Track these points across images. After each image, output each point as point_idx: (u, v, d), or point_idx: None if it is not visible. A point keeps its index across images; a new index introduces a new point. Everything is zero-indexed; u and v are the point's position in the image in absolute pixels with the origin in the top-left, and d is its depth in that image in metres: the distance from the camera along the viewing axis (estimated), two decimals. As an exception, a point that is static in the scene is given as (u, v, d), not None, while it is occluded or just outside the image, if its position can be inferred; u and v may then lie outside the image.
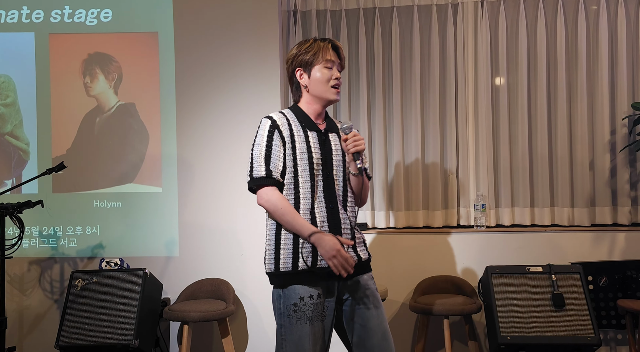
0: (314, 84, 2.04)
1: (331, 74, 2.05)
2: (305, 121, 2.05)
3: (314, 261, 1.94)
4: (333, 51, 2.06)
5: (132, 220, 3.74)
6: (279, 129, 2.00)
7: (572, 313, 2.95)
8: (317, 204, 1.99)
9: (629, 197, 3.56)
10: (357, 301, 2.02)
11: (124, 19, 3.81)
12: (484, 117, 3.68)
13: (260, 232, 3.67)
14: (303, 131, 2.02)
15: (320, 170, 2.01)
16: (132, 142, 3.78)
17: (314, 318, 1.94)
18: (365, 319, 2.01)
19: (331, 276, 1.94)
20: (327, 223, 1.98)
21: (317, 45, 2.04)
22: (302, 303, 1.93)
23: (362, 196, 2.12)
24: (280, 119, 2.02)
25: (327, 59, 2.03)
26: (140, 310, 3.16)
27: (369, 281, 2.06)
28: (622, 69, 3.58)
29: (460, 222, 3.71)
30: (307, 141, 2.00)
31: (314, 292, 1.94)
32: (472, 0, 3.73)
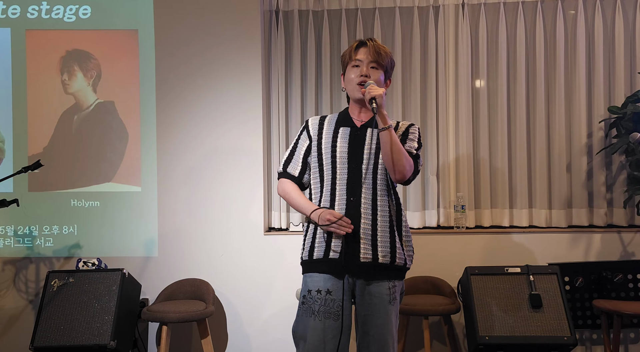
0: (346, 85, 2.11)
1: (357, 72, 2.05)
2: (343, 119, 2.12)
3: (326, 251, 1.99)
4: (365, 49, 2.07)
5: (110, 219, 3.69)
6: (308, 128, 2.15)
7: (549, 313, 2.99)
8: (338, 195, 2.02)
9: (604, 199, 3.62)
10: (364, 304, 1.99)
11: (103, 16, 3.76)
12: (464, 119, 3.71)
13: (240, 232, 3.66)
14: (335, 128, 2.10)
15: (345, 163, 2.03)
16: (111, 140, 3.73)
17: (321, 313, 1.96)
18: (368, 326, 1.98)
19: (344, 269, 1.96)
20: (345, 215, 1.98)
21: (350, 47, 2.12)
22: (309, 296, 1.99)
23: (395, 165, 1.93)
24: (314, 120, 2.17)
25: (355, 59, 2.07)
26: (118, 311, 3.12)
27: (381, 288, 1.98)
28: (599, 73, 3.64)
29: (441, 223, 3.74)
30: (334, 137, 2.07)
31: (323, 287, 1.97)
32: (453, 3, 3.76)
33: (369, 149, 2.02)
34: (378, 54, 2.05)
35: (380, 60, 2.05)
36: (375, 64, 2.05)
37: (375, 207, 2.00)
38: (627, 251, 3.50)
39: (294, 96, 3.82)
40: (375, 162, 2.02)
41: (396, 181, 2.00)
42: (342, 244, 1.98)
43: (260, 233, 3.66)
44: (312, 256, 2.03)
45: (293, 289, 3.53)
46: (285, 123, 3.82)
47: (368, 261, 1.97)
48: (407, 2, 3.78)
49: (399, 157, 1.94)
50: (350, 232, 1.95)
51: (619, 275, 3.35)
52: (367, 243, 1.97)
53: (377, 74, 2.06)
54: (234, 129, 3.70)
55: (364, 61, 2.05)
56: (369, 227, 1.98)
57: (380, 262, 1.97)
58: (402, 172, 1.96)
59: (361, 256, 1.97)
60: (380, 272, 1.99)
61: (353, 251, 1.98)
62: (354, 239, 1.97)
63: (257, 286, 3.64)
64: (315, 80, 3.82)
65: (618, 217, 3.60)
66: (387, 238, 2.00)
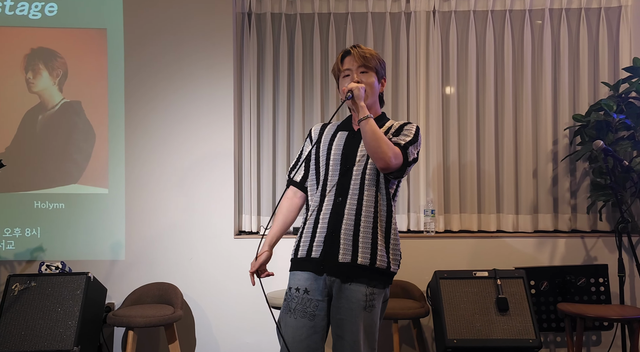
0: (342, 96, 2.10)
1: (349, 81, 2.06)
2: (343, 124, 2.17)
3: (309, 250, 2.02)
4: (350, 57, 2.08)
5: (75, 222, 3.61)
6: (311, 134, 2.21)
7: (515, 317, 3.04)
8: (327, 196, 2.05)
9: (569, 205, 3.71)
10: (339, 308, 1.97)
11: (70, 14, 3.68)
12: (435, 125, 3.75)
13: (210, 235, 3.62)
14: (334, 132, 2.14)
15: (338, 165, 2.06)
16: (77, 141, 3.65)
17: (297, 312, 1.98)
18: (342, 330, 1.96)
19: (322, 268, 1.98)
20: (329, 216, 2.02)
21: (336, 60, 2.13)
22: (289, 293, 2.03)
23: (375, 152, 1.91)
24: (316, 126, 2.23)
25: (343, 70, 2.09)
26: (82, 315, 3.04)
27: (357, 293, 1.94)
28: (564, 81, 3.74)
29: (411, 228, 3.77)
30: (332, 140, 2.11)
31: (302, 286, 2.00)
32: (424, 10, 3.81)
33: (362, 151, 2.04)
34: (364, 58, 2.06)
35: (367, 63, 2.07)
36: (364, 68, 2.07)
37: (360, 208, 2.00)
38: (589, 256, 3.59)
39: (266, 98, 3.80)
40: (365, 164, 2.03)
41: (381, 169, 1.96)
42: (323, 244, 2.00)
43: (231, 236, 3.62)
44: (297, 254, 2.08)
45: (262, 294, 3.50)
46: (257, 125, 3.80)
47: (347, 262, 1.96)
48: (379, 8, 3.81)
49: (378, 144, 1.91)
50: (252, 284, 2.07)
51: (582, 279, 3.43)
52: (347, 244, 1.98)
53: (369, 77, 2.07)
54: (205, 131, 3.66)
55: (353, 69, 2.07)
56: (351, 227, 1.99)
57: (359, 264, 1.96)
58: (383, 159, 1.91)
59: (340, 256, 1.97)
60: (360, 274, 1.96)
61: (333, 250, 1.98)
62: (335, 238, 1.99)
63: (227, 290, 3.60)
64: (288, 83, 3.81)
65: (582, 223, 3.69)
66: (368, 239, 1.98)
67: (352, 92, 1.96)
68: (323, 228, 2.02)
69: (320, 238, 2.01)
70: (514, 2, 3.79)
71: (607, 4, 3.75)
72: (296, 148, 3.78)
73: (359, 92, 1.96)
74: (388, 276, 2.02)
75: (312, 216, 2.07)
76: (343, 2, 3.82)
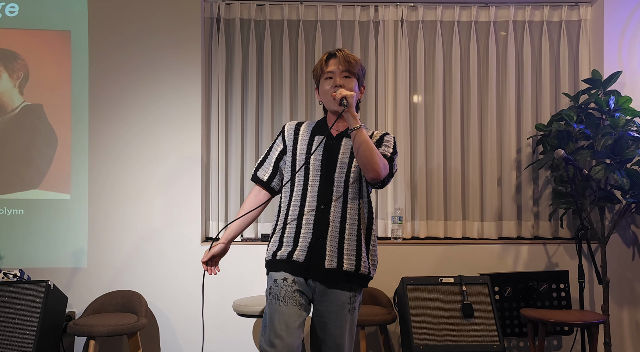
0: (322, 98, 2.11)
1: (331, 84, 2.05)
2: (319, 127, 2.15)
3: (290, 253, 2.01)
4: (335, 60, 2.08)
5: (35, 228, 3.50)
6: (284, 134, 2.17)
7: (480, 322, 3.08)
8: (308, 202, 2.03)
9: (532, 212, 3.80)
10: (323, 311, 1.99)
11: (32, 15, 3.58)
12: (402, 132, 3.79)
13: (176, 242, 3.56)
14: (310, 136, 2.12)
15: (318, 171, 2.04)
16: (38, 145, 3.55)
17: (287, 299, 1.96)
18: (325, 334, 1.97)
19: (307, 272, 1.98)
20: (313, 222, 2.01)
21: (320, 60, 2.12)
22: (275, 285, 2.00)
23: (367, 163, 1.92)
24: (290, 125, 2.19)
25: (327, 71, 2.07)
26: (41, 325, 2.95)
27: (342, 296, 1.97)
28: (527, 92, 3.84)
29: (378, 234, 3.79)
30: (309, 144, 2.09)
31: (289, 276, 1.99)
32: (392, 19, 3.85)
33: (343, 157, 2.04)
34: (349, 63, 2.07)
35: (351, 68, 2.08)
36: (347, 73, 2.07)
37: (345, 215, 2.01)
38: (551, 262, 3.68)
39: (235, 104, 3.78)
40: (347, 171, 2.03)
41: (371, 180, 1.98)
42: (308, 249, 1.99)
43: (197, 243, 3.57)
44: (275, 256, 2.04)
45: (229, 302, 3.47)
46: (225, 131, 3.76)
47: (333, 268, 1.98)
48: (348, 16, 3.84)
49: (372, 155, 1.93)
50: (212, 274, 2.11)
51: (544, 285, 3.51)
52: (333, 250, 1.98)
53: (351, 83, 2.07)
54: (171, 136, 3.61)
55: (336, 72, 2.07)
56: (337, 234, 2.00)
57: (344, 270, 1.98)
58: (375, 170, 1.93)
59: (326, 263, 1.98)
60: (344, 280, 1.99)
61: (318, 257, 1.99)
62: (321, 245, 1.99)
63: (192, 298, 3.54)
64: (256, 89, 3.79)
65: (544, 230, 3.78)
66: (353, 246, 2.01)
67: (347, 99, 1.95)
68: (307, 234, 2.01)
69: (304, 243, 2.00)
70: (479, 13, 3.87)
71: (568, 18, 3.87)
72: (264, 154, 3.77)
73: (353, 100, 1.97)
74: (367, 281, 2.07)
75: (293, 219, 2.05)
76: (312, 10, 3.84)
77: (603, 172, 3.30)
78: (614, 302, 3.64)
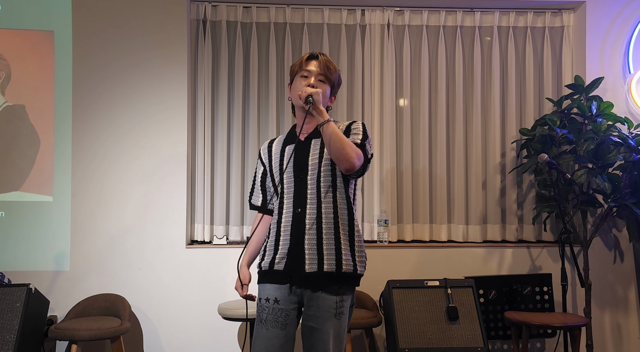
0: (292, 94, 2.12)
1: (305, 82, 2.05)
2: (289, 137, 2.16)
3: (272, 262, 2.03)
4: (315, 62, 2.08)
5: (16, 231, 3.44)
6: (261, 157, 2.22)
7: (464, 325, 3.10)
8: (285, 209, 2.05)
9: (516, 216, 3.83)
10: (311, 317, 1.97)
11: (15, 15, 3.53)
12: (388, 136, 3.81)
13: (160, 245, 3.53)
14: (282, 147, 2.14)
15: (291, 177, 2.06)
16: (20, 146, 3.50)
17: (269, 322, 1.98)
18: (314, 340, 1.96)
19: (288, 280, 1.99)
20: (290, 227, 2.02)
21: (300, 59, 2.12)
22: (259, 304, 2.04)
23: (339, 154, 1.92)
24: (263, 146, 2.23)
25: (305, 69, 2.08)
26: (21, 329, 2.89)
27: (328, 301, 1.96)
28: (511, 96, 3.88)
29: (364, 237, 3.79)
30: (281, 155, 2.11)
31: (272, 296, 2.00)
32: (379, 23, 3.87)
33: (313, 158, 2.04)
34: (327, 68, 2.08)
35: (329, 74, 2.09)
36: (323, 78, 2.08)
37: (320, 216, 2.00)
38: (535, 265, 3.72)
39: (221, 106, 3.76)
40: (318, 171, 2.03)
41: (346, 171, 1.97)
42: (287, 256, 2.00)
43: (182, 246, 3.54)
44: (261, 267, 2.08)
45: (215, 305, 3.44)
46: (211, 133, 3.75)
47: (313, 271, 1.96)
48: (334, 20, 3.85)
49: (342, 146, 1.92)
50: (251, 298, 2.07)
51: (528, 288, 3.54)
52: (312, 253, 1.97)
53: (324, 87, 2.08)
54: (157, 137, 3.58)
55: (313, 72, 2.07)
56: (314, 236, 1.99)
57: (325, 271, 1.96)
58: (348, 160, 1.93)
59: (306, 267, 1.97)
60: (328, 283, 1.97)
61: (298, 262, 1.98)
62: (299, 249, 1.98)
63: (177, 302, 3.51)
64: (243, 91, 3.78)
65: (527, 233, 3.82)
66: (332, 246, 1.99)
67: (312, 97, 1.96)
68: (285, 240, 2.01)
69: (283, 250, 2.01)
70: (465, 18, 3.91)
71: (551, 24, 3.93)
72: (251, 157, 3.75)
73: (318, 97, 1.97)
74: (355, 279, 2.04)
75: (273, 228, 2.07)
76: (299, 13, 3.84)
77: (585, 176, 3.34)
78: (596, 305, 3.68)
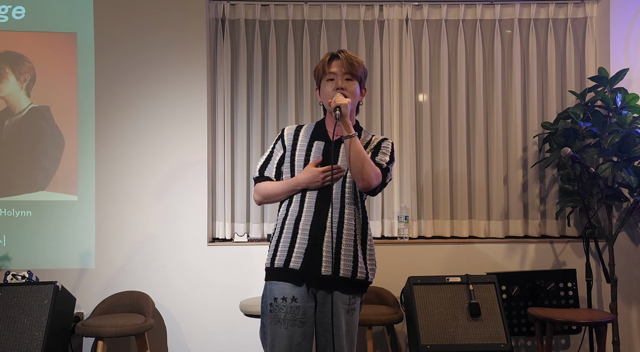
0: (322, 99, 2.11)
1: (333, 86, 2.05)
2: (318, 132, 2.12)
3: (287, 260, 2.00)
4: (337, 62, 2.07)
5: (43, 230, 3.52)
6: (283, 138, 2.14)
7: (487, 322, 3.08)
8: (306, 207, 2.03)
9: (538, 211, 3.78)
10: (325, 313, 1.99)
11: (39, 18, 3.60)
12: (408, 132, 3.79)
13: (183, 243, 3.57)
14: (309, 141, 2.11)
15: None
16: (46, 147, 3.57)
17: (287, 321, 1.96)
18: (329, 336, 1.97)
19: (303, 280, 1.98)
20: (310, 227, 2.01)
21: (322, 60, 2.11)
22: (275, 304, 1.99)
23: (359, 173, 1.94)
24: (290, 129, 2.16)
25: (329, 72, 2.07)
26: (49, 326, 2.97)
27: (342, 298, 1.98)
28: (533, 90, 3.82)
29: (385, 234, 3.79)
30: (308, 150, 2.08)
31: (289, 294, 1.98)
32: (397, 18, 3.85)
33: (342, 164, 2.04)
34: (351, 66, 2.06)
35: (354, 71, 2.07)
36: (349, 76, 2.07)
37: (342, 221, 2.01)
38: (558, 261, 3.67)
39: (240, 105, 3.78)
40: (345, 176, 2.04)
41: (362, 189, 2.00)
42: (304, 256, 1.99)
43: (204, 244, 3.58)
44: (273, 264, 2.04)
45: (236, 302, 3.48)
46: (230, 131, 3.78)
47: (328, 274, 1.97)
48: (353, 16, 3.84)
49: (363, 165, 1.94)
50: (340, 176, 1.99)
51: (552, 284, 3.50)
52: (329, 257, 1.98)
53: (353, 86, 2.07)
54: (178, 137, 3.62)
55: (338, 74, 2.06)
56: (333, 240, 1.99)
57: (341, 276, 1.98)
58: (367, 180, 1.96)
59: (322, 269, 1.98)
60: (340, 285, 1.99)
61: (314, 263, 1.99)
62: (317, 251, 1.99)
63: (200, 298, 3.55)
64: (262, 89, 3.80)
65: (551, 228, 3.77)
66: (350, 252, 2.01)
67: (341, 109, 1.94)
68: (303, 239, 2.01)
69: (300, 249, 2.00)
70: (484, 11, 3.86)
71: (574, 15, 3.85)
72: (270, 155, 3.77)
73: (346, 109, 1.96)
74: (366, 286, 2.07)
75: (290, 224, 2.05)
76: (317, 10, 3.84)
77: (610, 170, 3.28)
78: (622, 301, 3.62)
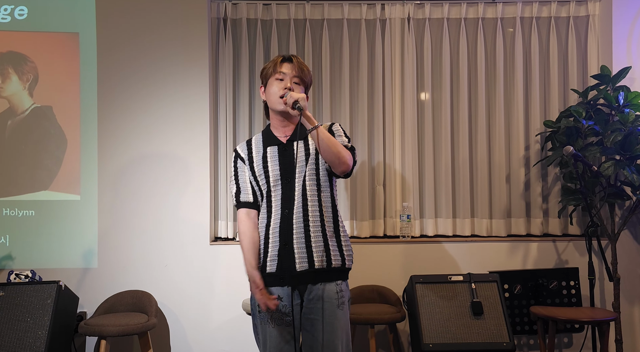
0: (268, 98, 2.15)
1: (281, 85, 2.08)
2: (267, 138, 2.16)
3: (263, 266, 2.06)
4: (290, 64, 2.11)
5: (46, 229, 3.53)
6: (240, 156, 2.19)
7: (489, 320, 3.08)
8: (274, 210, 2.08)
9: (541, 210, 3.78)
10: (311, 308, 2.02)
11: (41, 18, 3.61)
12: (410, 130, 3.79)
13: (185, 242, 3.58)
14: (263, 149, 2.15)
15: (278, 179, 2.09)
16: (48, 147, 3.58)
17: (276, 320, 2.03)
18: (316, 331, 2.00)
19: (282, 280, 2.03)
20: (279, 229, 2.06)
21: (273, 61, 2.15)
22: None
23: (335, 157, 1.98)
24: (241, 146, 2.21)
25: (279, 72, 2.10)
26: (52, 325, 2.98)
27: (329, 291, 2.02)
28: (535, 88, 3.81)
29: (387, 233, 3.79)
30: (264, 157, 2.12)
31: (274, 294, 2.03)
32: (399, 17, 3.85)
33: (300, 161, 2.08)
34: (302, 71, 2.12)
35: (303, 76, 2.13)
36: (298, 80, 2.12)
37: (307, 216, 2.05)
38: (561, 259, 3.66)
39: (242, 104, 3.78)
40: (305, 173, 2.08)
41: (342, 173, 2.05)
42: (277, 258, 2.05)
43: (206, 243, 3.59)
44: (264, 269, 2.09)
45: (239, 301, 3.48)
46: (233, 130, 3.78)
47: (304, 269, 2.02)
48: (354, 15, 3.84)
49: (337, 150, 2.00)
50: (273, 307, 1.99)
51: (554, 282, 3.50)
52: (302, 252, 2.03)
53: (300, 90, 2.13)
54: (180, 136, 3.62)
55: (288, 75, 2.11)
56: (302, 236, 2.04)
57: (316, 268, 2.03)
58: (344, 162, 2.02)
59: (297, 266, 2.02)
60: (319, 277, 2.03)
61: (288, 262, 2.03)
62: (289, 250, 2.04)
63: (202, 297, 3.56)
64: (263, 89, 3.80)
65: (553, 227, 3.76)
66: (320, 244, 2.05)
67: (300, 103, 1.98)
68: (275, 242, 2.06)
69: (273, 252, 2.06)
70: (486, 10, 3.85)
71: (576, 13, 3.85)
72: (272, 154, 3.77)
73: (305, 102, 2.02)
74: (344, 273, 2.11)
75: (262, 231, 2.11)
76: (319, 8, 3.84)
77: (613, 168, 3.28)
78: (624, 299, 3.62)
